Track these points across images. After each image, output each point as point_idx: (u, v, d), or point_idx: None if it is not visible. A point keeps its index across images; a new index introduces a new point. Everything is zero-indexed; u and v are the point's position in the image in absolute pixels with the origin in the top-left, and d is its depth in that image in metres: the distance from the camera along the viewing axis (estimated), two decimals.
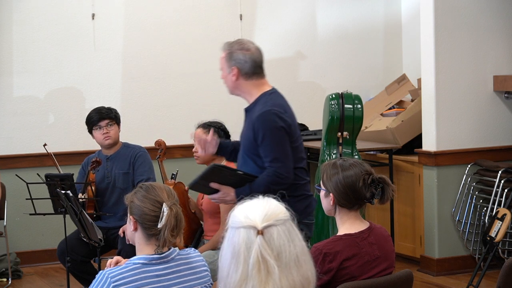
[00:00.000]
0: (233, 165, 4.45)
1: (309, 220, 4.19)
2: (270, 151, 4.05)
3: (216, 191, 4.11)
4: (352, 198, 3.29)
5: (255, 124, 4.08)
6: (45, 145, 5.97)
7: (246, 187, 4.06)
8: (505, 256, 6.16)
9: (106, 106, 5.67)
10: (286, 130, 4.06)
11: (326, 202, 3.36)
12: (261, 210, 2.15)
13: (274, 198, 2.22)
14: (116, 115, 5.58)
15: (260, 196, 2.21)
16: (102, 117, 5.48)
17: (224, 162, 4.92)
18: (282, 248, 2.12)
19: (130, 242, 2.95)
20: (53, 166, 5.93)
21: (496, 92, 6.47)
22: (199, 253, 2.92)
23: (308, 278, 2.16)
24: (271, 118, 4.04)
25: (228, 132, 5.13)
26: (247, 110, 4.23)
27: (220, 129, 5.06)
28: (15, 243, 6.81)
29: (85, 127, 5.59)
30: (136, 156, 5.52)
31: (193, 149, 5.07)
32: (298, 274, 2.13)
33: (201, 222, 5.25)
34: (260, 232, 2.11)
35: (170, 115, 7.25)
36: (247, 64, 4.15)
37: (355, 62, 7.77)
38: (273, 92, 4.21)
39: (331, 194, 3.33)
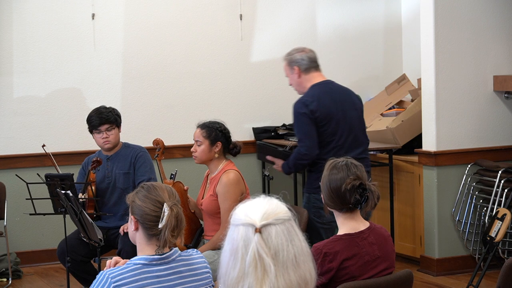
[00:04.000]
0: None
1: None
2: (296, 133, 5.07)
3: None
4: (337, 201, 3.28)
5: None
6: (43, 146, 5.96)
7: (286, 161, 5.13)
8: (505, 256, 6.17)
9: (107, 106, 5.63)
10: (309, 116, 4.90)
11: (322, 200, 3.38)
12: (261, 209, 2.17)
13: (277, 198, 2.23)
14: (117, 117, 5.50)
15: (263, 195, 2.23)
16: (102, 122, 5.42)
17: (224, 164, 4.95)
18: (280, 247, 2.13)
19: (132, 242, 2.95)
20: (53, 166, 5.92)
21: (496, 92, 6.47)
22: (201, 254, 2.91)
23: (305, 279, 2.16)
24: (297, 106, 4.98)
25: (228, 132, 5.08)
26: None
27: (219, 130, 5.02)
28: (15, 243, 6.81)
29: (85, 127, 5.55)
30: (137, 156, 5.50)
31: (192, 149, 5.06)
32: (295, 274, 2.14)
33: (201, 222, 5.24)
34: (258, 230, 2.12)
35: (170, 115, 7.24)
36: (304, 61, 5.05)
37: (355, 62, 7.77)
38: (319, 84, 5.04)
39: (322, 194, 3.34)
